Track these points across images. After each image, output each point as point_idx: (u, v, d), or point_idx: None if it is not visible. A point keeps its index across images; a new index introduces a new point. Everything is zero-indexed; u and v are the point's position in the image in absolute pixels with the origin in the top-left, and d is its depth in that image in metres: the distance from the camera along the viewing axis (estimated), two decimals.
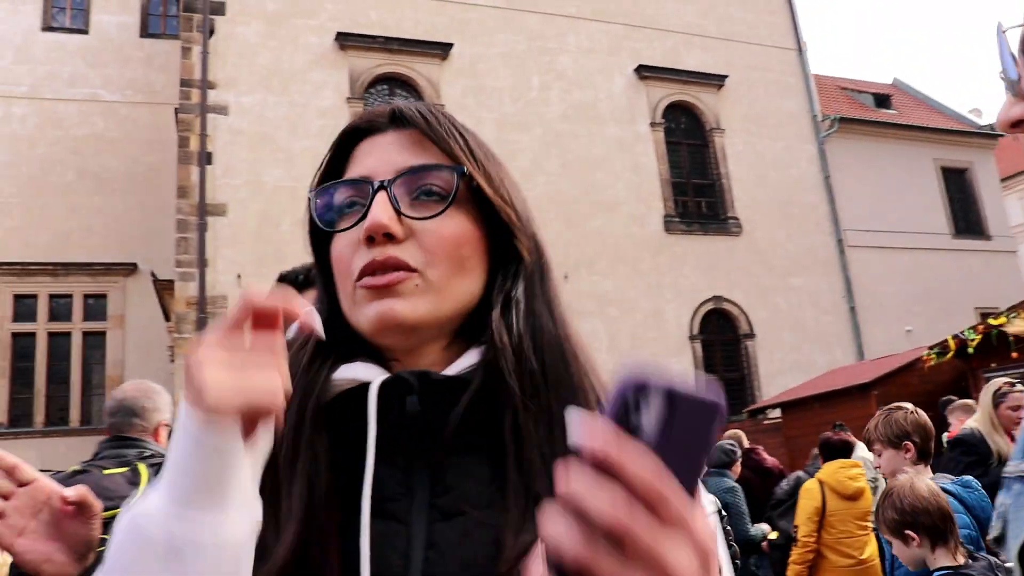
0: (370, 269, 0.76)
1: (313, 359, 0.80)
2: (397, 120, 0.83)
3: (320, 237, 0.83)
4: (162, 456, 3.02)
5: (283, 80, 15.56)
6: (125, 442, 2.94)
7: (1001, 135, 23.85)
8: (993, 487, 4.10)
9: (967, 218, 22.17)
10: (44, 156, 18.84)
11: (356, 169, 0.82)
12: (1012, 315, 9.70)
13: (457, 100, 16.65)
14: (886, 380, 11.61)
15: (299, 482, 0.72)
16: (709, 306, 17.74)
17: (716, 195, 18.92)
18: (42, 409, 18.12)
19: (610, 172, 17.67)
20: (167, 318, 15.94)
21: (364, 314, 0.77)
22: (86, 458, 2.97)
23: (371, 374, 0.77)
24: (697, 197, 18.81)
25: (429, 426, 0.75)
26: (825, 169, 20.00)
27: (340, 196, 0.81)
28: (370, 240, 0.76)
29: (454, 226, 0.78)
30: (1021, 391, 4.73)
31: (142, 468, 2.82)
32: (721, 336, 17.94)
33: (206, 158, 14.55)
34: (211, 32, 15.09)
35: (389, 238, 0.75)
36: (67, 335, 18.67)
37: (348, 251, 0.78)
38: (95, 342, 18.82)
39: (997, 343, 9.71)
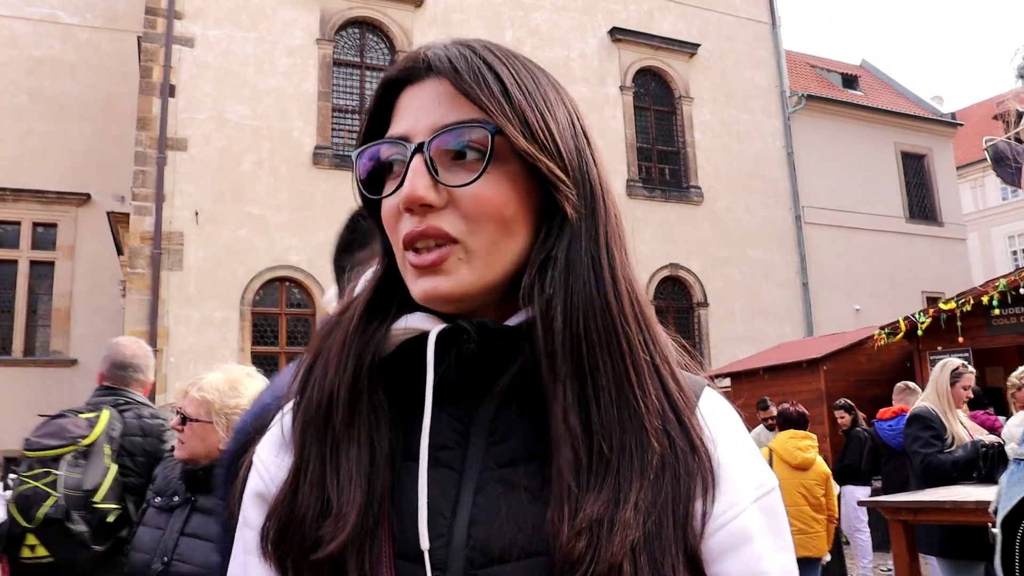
0: (410, 239, 0.73)
1: (365, 317, 0.79)
2: (431, 68, 0.76)
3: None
4: (138, 404, 3.34)
5: (252, 16, 15.15)
6: (111, 391, 3.39)
7: (961, 124, 24.27)
8: (953, 465, 4.24)
9: (922, 203, 22.58)
10: None
11: (397, 124, 0.77)
12: (961, 301, 9.98)
13: None
14: (835, 356, 11.92)
15: (360, 448, 0.74)
16: (665, 273, 17.87)
17: (680, 163, 18.99)
18: None
19: None
20: (120, 252, 15.60)
21: (411, 287, 0.75)
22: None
23: (429, 324, 0.77)
24: (661, 164, 18.86)
25: (485, 375, 0.74)
26: (789, 145, 20.20)
27: (385, 153, 0.77)
28: (409, 209, 0.73)
29: (495, 188, 0.73)
30: (973, 371, 4.92)
31: (105, 414, 3.21)
32: (675, 303, 18.14)
33: (169, 90, 14.16)
34: None
35: (428, 207, 0.72)
36: (13, 263, 18.15)
37: (393, 216, 0.76)
38: (43, 272, 18.34)
39: (945, 327, 10.00)
